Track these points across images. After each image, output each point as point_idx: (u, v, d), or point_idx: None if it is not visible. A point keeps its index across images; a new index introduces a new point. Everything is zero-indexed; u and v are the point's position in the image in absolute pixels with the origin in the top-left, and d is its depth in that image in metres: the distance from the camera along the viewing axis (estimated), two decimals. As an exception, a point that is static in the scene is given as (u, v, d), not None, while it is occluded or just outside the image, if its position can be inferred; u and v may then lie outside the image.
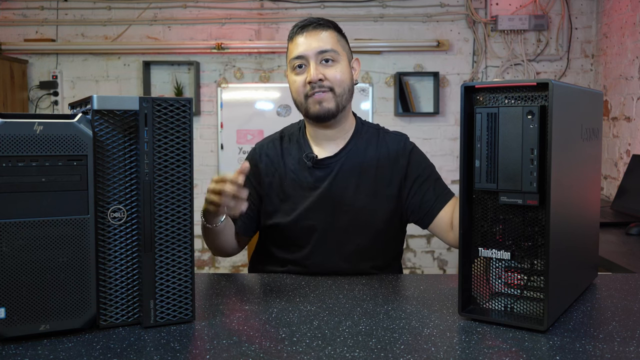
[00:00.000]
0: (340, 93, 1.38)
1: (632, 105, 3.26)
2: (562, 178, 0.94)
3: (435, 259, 4.03)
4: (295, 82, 1.40)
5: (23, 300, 0.86)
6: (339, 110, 1.39)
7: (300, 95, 1.40)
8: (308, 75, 1.36)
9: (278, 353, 0.84)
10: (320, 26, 1.40)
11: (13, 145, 0.84)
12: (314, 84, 1.36)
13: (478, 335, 0.91)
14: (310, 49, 1.37)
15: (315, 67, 1.36)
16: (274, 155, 1.47)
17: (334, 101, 1.37)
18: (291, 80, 1.42)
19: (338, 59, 1.39)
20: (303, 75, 1.38)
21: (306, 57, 1.37)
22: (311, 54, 1.37)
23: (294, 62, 1.39)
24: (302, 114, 1.43)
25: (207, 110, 3.96)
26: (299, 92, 1.40)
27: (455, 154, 3.94)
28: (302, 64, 1.38)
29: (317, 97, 1.36)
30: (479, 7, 3.88)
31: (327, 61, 1.38)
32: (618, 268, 1.69)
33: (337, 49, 1.39)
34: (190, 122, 0.95)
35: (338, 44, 1.40)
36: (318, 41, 1.37)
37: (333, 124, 1.42)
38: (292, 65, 1.40)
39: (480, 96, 0.96)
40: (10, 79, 3.71)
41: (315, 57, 1.37)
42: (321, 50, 1.37)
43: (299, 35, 1.39)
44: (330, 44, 1.38)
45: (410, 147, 1.47)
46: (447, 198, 1.41)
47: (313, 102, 1.37)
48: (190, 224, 0.96)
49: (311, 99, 1.37)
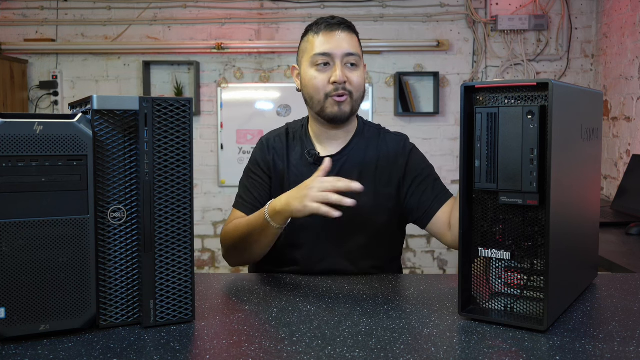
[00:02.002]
0: (357, 98, 1.39)
1: (632, 105, 3.26)
2: (562, 178, 0.94)
3: (435, 259, 4.03)
4: (316, 79, 1.38)
5: (23, 300, 0.86)
6: (353, 114, 1.41)
7: (320, 93, 1.38)
8: (333, 76, 1.36)
9: (278, 353, 0.84)
10: (349, 28, 1.40)
11: (13, 145, 0.84)
12: (339, 85, 1.36)
13: (478, 335, 0.91)
14: (339, 48, 1.36)
15: (342, 68, 1.36)
16: (280, 149, 1.47)
17: (351, 105, 1.38)
18: (310, 76, 1.39)
19: (359, 64, 1.40)
20: (326, 73, 1.37)
21: (332, 56, 1.36)
22: (339, 54, 1.36)
23: (318, 58, 1.37)
24: (315, 111, 1.41)
25: (207, 110, 3.96)
26: (319, 90, 1.38)
27: (455, 154, 3.94)
28: (327, 62, 1.37)
29: (337, 99, 1.36)
30: (479, 7, 3.88)
31: (351, 65, 1.38)
32: (618, 268, 1.69)
33: (360, 53, 1.40)
34: (190, 122, 0.95)
35: (359, 49, 1.41)
36: (347, 43, 1.37)
37: (342, 125, 1.43)
38: (315, 61, 1.38)
39: (480, 96, 0.96)
40: (10, 79, 3.71)
41: (341, 58, 1.36)
42: (349, 52, 1.37)
43: (326, 31, 1.38)
44: (356, 47, 1.39)
45: (410, 148, 1.47)
46: (445, 198, 1.41)
47: (332, 103, 1.37)
48: (190, 224, 0.96)
49: (331, 99, 1.37)
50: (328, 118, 1.39)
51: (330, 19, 1.40)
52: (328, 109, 1.38)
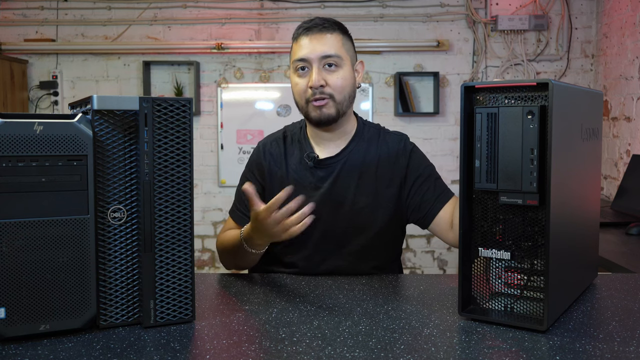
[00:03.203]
0: (340, 100, 1.37)
1: (632, 105, 3.26)
2: (562, 178, 0.94)
3: (435, 259, 4.03)
4: (297, 85, 1.39)
5: (23, 300, 0.86)
6: (339, 115, 1.39)
7: (302, 98, 1.39)
8: (310, 80, 1.36)
9: (278, 353, 0.84)
10: (326, 29, 1.38)
11: (13, 145, 0.84)
12: (315, 90, 1.35)
13: (478, 335, 0.91)
14: (313, 52, 1.36)
15: (318, 72, 1.35)
16: (277, 155, 1.47)
17: (334, 107, 1.37)
18: (293, 82, 1.41)
19: (341, 64, 1.38)
20: (305, 78, 1.38)
21: (309, 61, 1.36)
22: (314, 57, 1.36)
23: (296, 63, 1.38)
24: (303, 116, 1.43)
25: (207, 110, 3.96)
26: (301, 96, 1.39)
27: (455, 154, 3.94)
28: (305, 67, 1.37)
29: (317, 104, 1.36)
30: (479, 7, 3.88)
31: (330, 66, 1.37)
32: (618, 268, 1.69)
33: (341, 53, 1.38)
34: (190, 122, 0.95)
35: (342, 47, 1.39)
36: (322, 45, 1.36)
37: (334, 127, 1.42)
38: (295, 67, 1.39)
39: (480, 96, 0.96)
40: (10, 79, 3.71)
41: (318, 61, 1.36)
42: (325, 55, 1.36)
43: (303, 36, 1.38)
44: (335, 48, 1.37)
45: (411, 147, 1.47)
46: (447, 198, 1.41)
47: (313, 108, 1.37)
48: (190, 224, 0.96)
49: (312, 104, 1.37)
50: (312, 122, 1.40)
51: (308, 22, 1.40)
52: (311, 114, 1.38)
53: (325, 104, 1.36)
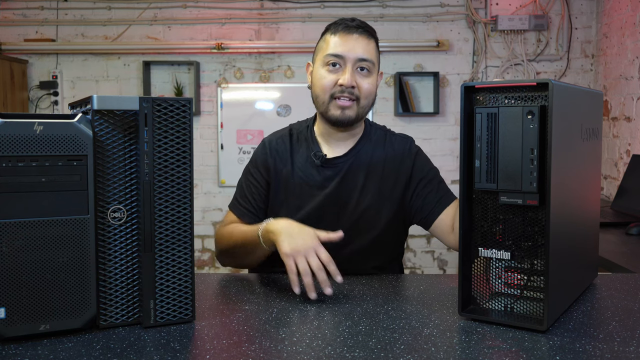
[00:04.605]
0: (364, 105, 1.38)
1: (632, 105, 3.26)
2: (562, 178, 0.94)
3: (435, 259, 4.03)
4: (324, 79, 1.37)
5: (23, 300, 0.86)
6: (358, 120, 1.39)
7: (325, 93, 1.38)
8: (342, 78, 1.35)
9: (278, 353, 0.84)
10: (367, 33, 1.39)
11: (13, 145, 0.84)
12: (345, 88, 1.35)
13: (478, 335, 0.91)
14: (352, 51, 1.35)
15: (352, 72, 1.35)
16: (283, 152, 1.46)
17: (356, 111, 1.37)
18: (319, 75, 1.39)
19: (372, 71, 1.39)
20: (335, 74, 1.37)
21: (344, 59, 1.36)
22: (351, 57, 1.35)
23: (329, 58, 1.37)
24: (320, 111, 1.41)
25: (207, 110, 3.96)
26: (325, 90, 1.37)
27: (455, 154, 3.94)
28: (338, 63, 1.36)
29: (341, 103, 1.36)
30: (479, 7, 3.88)
31: (363, 70, 1.37)
32: (618, 268, 1.69)
33: (375, 60, 1.39)
34: (190, 122, 0.95)
35: (375, 56, 1.40)
36: (361, 47, 1.36)
37: (347, 129, 1.42)
38: (326, 61, 1.37)
39: (480, 96, 0.96)
40: (10, 79, 3.71)
41: (353, 62, 1.36)
42: (361, 57, 1.36)
43: (343, 33, 1.37)
44: (371, 54, 1.38)
45: (416, 150, 1.48)
46: (449, 201, 1.41)
47: (336, 106, 1.36)
48: (190, 224, 0.96)
49: (335, 101, 1.36)
50: (330, 120, 1.39)
51: (350, 21, 1.39)
52: (331, 111, 1.37)
53: (350, 105, 1.36)
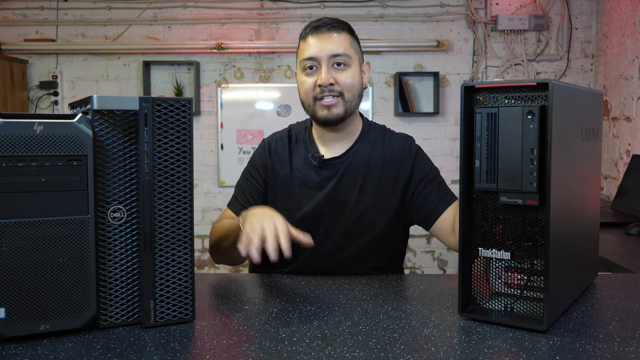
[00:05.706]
0: (349, 98, 1.37)
1: (632, 105, 3.26)
2: (562, 178, 0.94)
3: (435, 259, 4.03)
4: (305, 83, 1.38)
5: (23, 300, 0.86)
6: (347, 115, 1.38)
7: (309, 97, 1.38)
8: (319, 79, 1.35)
9: (278, 353, 0.84)
10: (335, 28, 1.38)
11: (13, 145, 0.84)
12: (324, 88, 1.35)
13: (478, 335, 0.91)
14: (322, 51, 1.35)
15: (327, 70, 1.35)
16: (282, 153, 1.47)
17: (343, 106, 1.37)
18: (300, 81, 1.40)
19: (350, 63, 1.38)
20: (313, 77, 1.37)
21: (318, 60, 1.36)
22: (323, 56, 1.35)
23: (304, 62, 1.38)
24: (309, 115, 1.42)
25: (207, 110, 3.96)
26: (308, 94, 1.38)
27: (455, 154, 3.94)
28: (313, 66, 1.37)
29: (325, 102, 1.36)
30: (479, 7, 3.88)
31: (339, 65, 1.36)
32: (618, 268, 1.69)
33: (350, 52, 1.38)
34: (190, 122, 0.95)
35: (351, 47, 1.39)
36: (331, 44, 1.36)
37: (340, 128, 1.42)
38: (303, 66, 1.39)
39: (480, 96, 0.96)
40: (10, 79, 3.71)
41: (327, 60, 1.36)
42: (333, 53, 1.35)
43: (311, 35, 1.38)
44: (343, 47, 1.37)
45: (416, 150, 1.47)
46: (450, 201, 1.41)
47: (321, 107, 1.37)
48: (190, 224, 0.96)
49: (320, 102, 1.36)
50: (320, 122, 1.39)
51: (317, 22, 1.39)
52: (318, 113, 1.38)
53: (335, 102, 1.36)
